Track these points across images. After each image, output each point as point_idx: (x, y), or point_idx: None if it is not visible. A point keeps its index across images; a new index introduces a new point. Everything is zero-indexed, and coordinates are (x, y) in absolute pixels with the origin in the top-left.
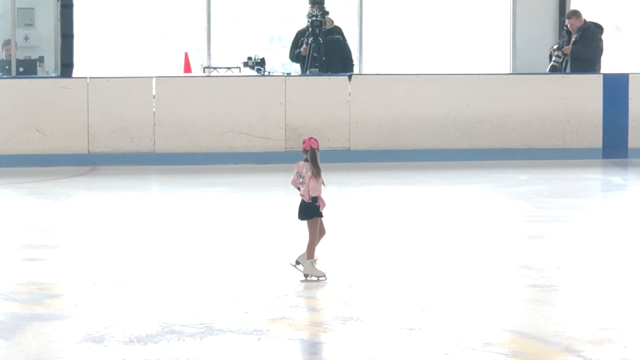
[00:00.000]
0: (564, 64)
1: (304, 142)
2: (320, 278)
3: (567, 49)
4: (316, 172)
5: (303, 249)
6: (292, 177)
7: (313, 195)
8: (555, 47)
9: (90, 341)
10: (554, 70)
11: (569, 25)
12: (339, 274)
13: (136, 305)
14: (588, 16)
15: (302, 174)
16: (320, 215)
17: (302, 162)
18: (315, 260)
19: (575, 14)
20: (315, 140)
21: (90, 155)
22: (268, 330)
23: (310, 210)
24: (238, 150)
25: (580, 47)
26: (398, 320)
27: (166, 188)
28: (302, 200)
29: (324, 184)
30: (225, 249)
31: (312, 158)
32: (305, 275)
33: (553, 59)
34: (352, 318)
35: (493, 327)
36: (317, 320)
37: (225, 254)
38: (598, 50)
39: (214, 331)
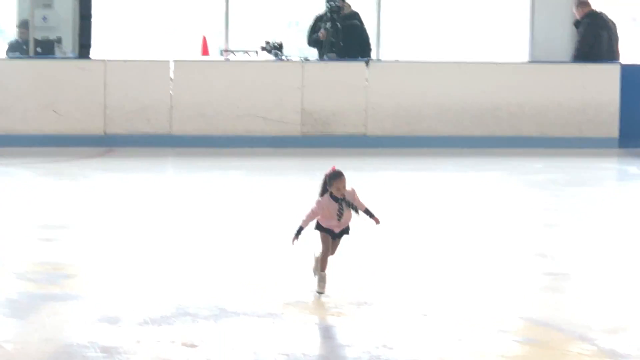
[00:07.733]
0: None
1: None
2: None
3: None
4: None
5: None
6: (313, 213)
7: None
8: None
9: (105, 322)
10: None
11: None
12: (354, 259)
13: (151, 287)
14: (603, 7)
15: (344, 206)
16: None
17: (331, 201)
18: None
19: (581, 4)
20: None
21: (107, 137)
22: (282, 313)
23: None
24: (254, 133)
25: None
26: (412, 306)
27: (182, 170)
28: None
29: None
30: (239, 232)
31: (348, 203)
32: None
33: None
34: (366, 303)
35: (507, 314)
36: (331, 305)
37: (239, 238)
38: (585, 44)
39: (228, 314)
